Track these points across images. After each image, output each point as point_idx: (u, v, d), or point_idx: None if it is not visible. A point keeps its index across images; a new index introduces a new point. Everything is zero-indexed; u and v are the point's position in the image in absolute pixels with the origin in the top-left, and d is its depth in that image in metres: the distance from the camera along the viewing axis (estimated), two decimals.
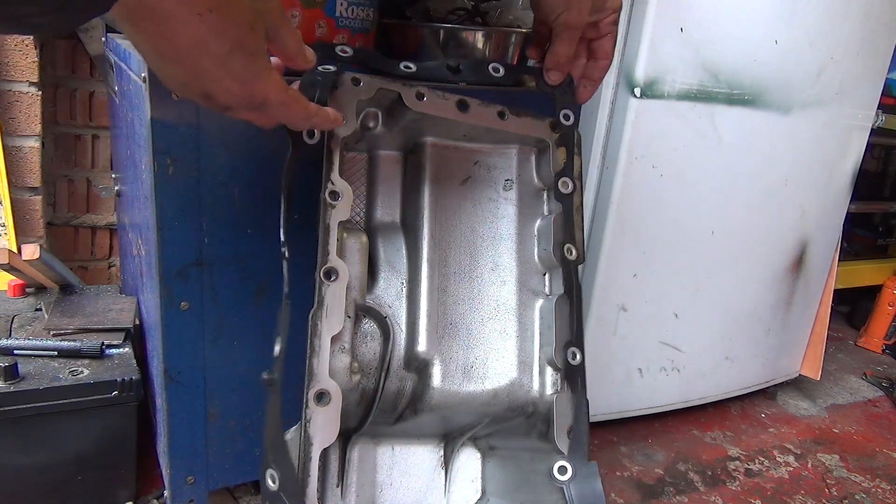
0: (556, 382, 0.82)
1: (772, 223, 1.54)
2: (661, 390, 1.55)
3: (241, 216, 0.91)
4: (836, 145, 1.57)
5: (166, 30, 0.49)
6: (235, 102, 0.56)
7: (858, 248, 2.36)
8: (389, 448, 0.90)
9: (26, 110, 1.42)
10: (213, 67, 0.52)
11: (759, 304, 1.62)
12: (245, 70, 0.54)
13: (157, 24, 0.48)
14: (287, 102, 0.60)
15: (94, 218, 1.63)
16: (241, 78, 0.54)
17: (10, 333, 1.14)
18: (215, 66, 0.52)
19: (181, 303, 0.91)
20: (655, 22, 1.19)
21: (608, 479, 1.40)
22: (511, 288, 0.84)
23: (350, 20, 0.94)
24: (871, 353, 2.24)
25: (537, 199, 0.88)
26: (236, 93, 0.55)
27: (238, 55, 0.52)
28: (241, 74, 0.54)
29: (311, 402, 0.68)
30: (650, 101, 1.24)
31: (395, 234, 0.83)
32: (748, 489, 1.43)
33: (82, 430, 1.03)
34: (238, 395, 1.00)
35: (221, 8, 0.49)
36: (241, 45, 0.52)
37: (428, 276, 0.80)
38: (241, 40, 0.52)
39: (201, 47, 0.50)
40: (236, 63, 0.53)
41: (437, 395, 0.79)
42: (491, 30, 1.04)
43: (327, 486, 0.84)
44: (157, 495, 1.14)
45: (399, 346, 0.80)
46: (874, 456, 1.63)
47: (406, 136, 0.82)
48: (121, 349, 1.11)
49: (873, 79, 1.58)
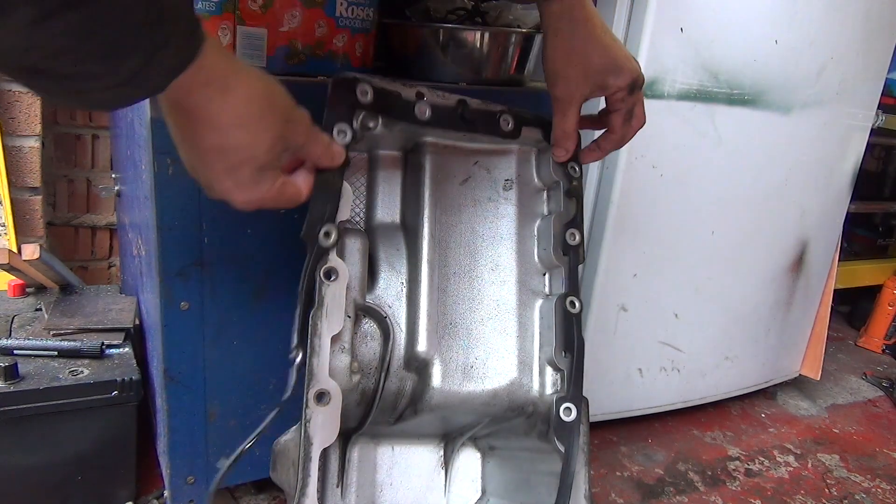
0: (556, 382, 0.82)
1: (772, 223, 1.54)
2: (661, 390, 1.55)
3: (241, 216, 0.91)
4: (836, 145, 1.57)
5: (196, 128, 0.53)
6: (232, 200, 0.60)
7: (858, 248, 2.36)
8: (389, 448, 0.90)
9: (26, 110, 1.42)
10: (223, 173, 0.56)
11: (759, 303, 1.62)
12: (250, 182, 0.57)
13: (190, 121, 0.52)
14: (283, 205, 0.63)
15: (94, 218, 1.63)
16: (244, 187, 0.58)
17: (10, 333, 1.14)
18: (225, 172, 0.56)
19: (181, 303, 0.91)
20: (655, 22, 1.19)
21: (608, 479, 1.40)
22: (511, 288, 0.84)
23: (350, 20, 0.94)
24: (871, 353, 2.24)
25: (537, 199, 0.88)
26: (233, 196, 0.59)
27: (247, 169, 0.56)
28: (245, 184, 0.57)
29: (311, 402, 0.68)
30: (650, 101, 1.23)
31: (395, 234, 0.83)
32: (748, 489, 1.43)
33: (82, 430, 1.02)
34: (238, 395, 1.00)
35: (250, 126, 0.54)
36: (254, 161, 0.56)
37: (428, 276, 0.80)
38: (255, 158, 0.56)
39: (219, 153, 0.54)
40: (244, 175, 0.57)
41: (437, 395, 0.79)
42: (491, 30, 1.04)
43: (327, 486, 0.84)
44: (157, 495, 1.14)
45: (399, 346, 0.79)
46: (874, 456, 1.62)
47: (406, 135, 0.82)
48: (121, 349, 1.11)
49: (873, 79, 1.58)
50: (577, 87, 0.75)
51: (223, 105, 0.51)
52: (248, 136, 0.54)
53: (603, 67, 0.74)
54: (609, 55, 0.74)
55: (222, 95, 0.51)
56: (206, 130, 0.53)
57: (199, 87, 0.49)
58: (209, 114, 0.51)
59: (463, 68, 1.04)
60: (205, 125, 0.52)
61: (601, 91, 0.76)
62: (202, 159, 0.56)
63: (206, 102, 0.50)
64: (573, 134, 0.80)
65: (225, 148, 0.54)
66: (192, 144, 0.55)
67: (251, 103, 0.53)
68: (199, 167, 0.57)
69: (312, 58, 0.94)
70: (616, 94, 0.76)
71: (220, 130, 0.53)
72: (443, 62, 1.04)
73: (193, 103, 0.50)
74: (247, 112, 0.53)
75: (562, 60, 0.74)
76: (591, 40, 0.73)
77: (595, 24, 0.74)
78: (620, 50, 0.75)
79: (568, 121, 0.78)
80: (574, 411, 0.79)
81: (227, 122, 0.52)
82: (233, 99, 0.52)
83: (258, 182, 0.58)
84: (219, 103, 0.51)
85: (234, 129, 0.53)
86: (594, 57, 0.74)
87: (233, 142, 0.54)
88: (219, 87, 0.50)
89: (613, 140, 0.81)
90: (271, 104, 0.56)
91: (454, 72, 1.04)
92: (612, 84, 0.75)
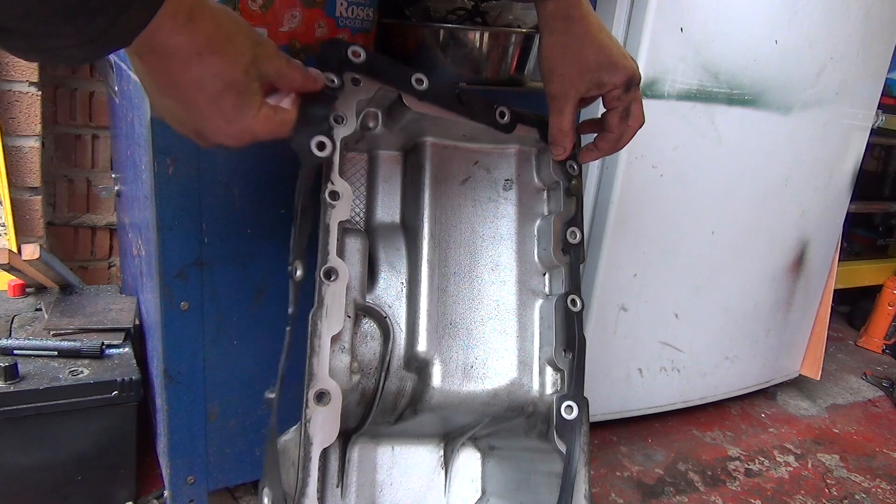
0: (556, 382, 0.82)
1: (772, 223, 1.54)
2: (660, 390, 1.55)
3: (241, 216, 0.91)
4: (836, 145, 1.57)
5: (169, 66, 0.53)
6: (225, 139, 0.59)
7: (858, 248, 2.36)
8: (389, 448, 0.90)
9: (26, 110, 1.42)
10: (206, 105, 0.56)
11: (759, 303, 1.62)
12: (234, 109, 0.57)
13: (162, 59, 0.52)
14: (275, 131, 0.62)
15: (94, 218, 1.63)
16: (230, 117, 0.57)
17: (10, 333, 1.14)
18: (208, 104, 0.56)
19: (181, 303, 0.91)
20: (655, 22, 1.19)
21: (608, 479, 1.40)
22: (511, 288, 0.84)
23: (350, 20, 0.94)
24: (871, 353, 2.24)
25: (537, 199, 0.88)
26: (225, 130, 0.58)
27: (229, 96, 0.56)
28: (230, 113, 0.57)
29: (311, 402, 0.68)
30: (650, 101, 1.24)
31: (395, 234, 0.83)
32: (748, 489, 1.43)
33: (82, 430, 1.02)
34: (238, 395, 1.00)
35: (221, 51, 0.53)
36: (234, 86, 0.56)
37: (428, 276, 0.80)
38: (234, 82, 0.56)
39: (198, 85, 0.54)
40: (227, 103, 0.56)
41: (437, 395, 0.79)
42: (491, 30, 1.04)
43: (327, 486, 0.84)
44: (157, 495, 1.14)
45: (399, 346, 0.79)
46: (874, 456, 1.62)
47: (406, 135, 0.82)
48: (121, 349, 1.11)
49: (873, 79, 1.58)
50: (572, 85, 0.75)
51: (192, 33, 0.51)
52: (221, 60, 0.54)
53: (598, 65, 0.74)
54: (604, 53, 0.74)
55: (188, 24, 0.51)
56: (180, 64, 0.53)
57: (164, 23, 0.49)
58: (178, 45, 0.51)
59: (463, 68, 1.04)
60: (177, 59, 0.52)
61: (597, 89, 0.76)
62: (183, 99, 0.56)
63: (173, 34, 0.50)
64: (570, 132, 0.80)
65: (202, 77, 0.54)
66: (169, 86, 0.55)
67: (219, 28, 0.53)
68: (182, 112, 0.57)
69: (313, 58, 0.94)
70: (612, 91, 0.76)
71: (193, 60, 0.52)
72: (443, 62, 1.04)
73: (161, 40, 0.50)
74: (216, 35, 0.53)
75: (557, 58, 0.74)
76: (586, 38, 0.73)
77: (590, 21, 0.73)
78: (616, 48, 0.75)
79: (564, 118, 0.78)
80: (576, 409, 0.79)
81: (199, 49, 0.52)
82: (199, 25, 0.52)
83: (242, 108, 0.57)
84: (187, 33, 0.51)
85: (206, 55, 0.53)
86: (589, 54, 0.73)
87: (208, 69, 0.53)
88: (184, 17, 0.50)
89: (611, 139, 0.80)
90: (238, 27, 0.56)
91: (454, 72, 1.04)
92: (607, 81, 0.74)
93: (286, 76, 0.62)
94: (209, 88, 0.55)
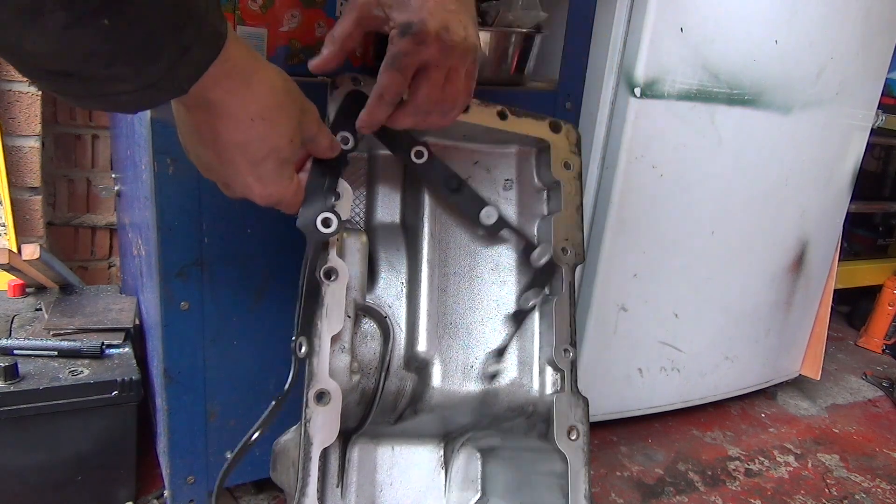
0: (556, 382, 0.82)
1: (772, 223, 1.54)
2: (660, 390, 1.55)
3: (241, 216, 0.91)
4: (836, 145, 1.57)
5: (217, 124, 0.52)
6: (252, 197, 0.59)
7: (858, 248, 2.36)
8: (389, 448, 0.90)
9: (26, 110, 1.42)
10: (245, 168, 0.55)
11: (759, 303, 1.62)
12: (272, 175, 0.57)
13: (211, 116, 0.51)
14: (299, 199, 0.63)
15: (94, 218, 1.63)
16: (266, 181, 0.57)
17: (10, 333, 1.14)
18: (247, 167, 0.55)
19: (181, 303, 0.91)
20: (655, 22, 1.19)
21: (608, 479, 1.40)
22: (511, 288, 0.84)
23: None
24: (871, 353, 2.24)
25: (537, 200, 0.88)
26: (256, 192, 0.58)
27: (271, 162, 0.56)
28: (267, 178, 0.57)
29: (311, 402, 0.68)
30: (650, 101, 1.24)
31: (395, 234, 0.83)
32: (748, 489, 1.43)
33: (82, 430, 1.02)
34: (238, 395, 1.00)
35: (271, 119, 0.53)
36: (277, 153, 0.55)
37: (428, 276, 0.80)
38: (278, 149, 0.55)
39: (242, 148, 0.54)
40: (267, 169, 0.56)
41: (437, 395, 0.79)
42: (491, 30, 1.04)
43: (327, 485, 0.84)
44: (157, 495, 1.14)
45: (399, 346, 0.80)
46: (874, 456, 1.62)
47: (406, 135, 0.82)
48: (121, 349, 1.11)
49: (873, 79, 1.58)
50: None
51: (246, 97, 0.51)
52: (270, 127, 0.53)
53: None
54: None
55: (245, 88, 0.50)
56: (229, 124, 0.52)
57: (221, 81, 0.48)
58: (231, 107, 0.51)
59: None
60: (227, 119, 0.51)
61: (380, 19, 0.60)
62: (223, 156, 0.55)
63: (228, 96, 0.50)
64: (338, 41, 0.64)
65: (248, 141, 0.53)
66: (211, 141, 0.54)
67: (272, 94, 0.52)
68: (217, 165, 0.56)
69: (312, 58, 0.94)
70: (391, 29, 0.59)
71: (242, 123, 0.52)
72: None
73: (216, 97, 0.49)
74: (268, 103, 0.52)
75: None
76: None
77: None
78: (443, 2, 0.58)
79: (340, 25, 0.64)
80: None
81: (251, 114, 0.52)
82: (255, 90, 0.51)
83: (280, 175, 0.57)
84: (241, 95, 0.50)
85: (257, 120, 0.52)
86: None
87: (256, 134, 0.53)
88: (241, 79, 0.49)
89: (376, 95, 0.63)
90: (289, 95, 0.55)
91: None
92: (389, 14, 0.58)
93: (316, 140, 0.62)
94: (253, 152, 0.54)
